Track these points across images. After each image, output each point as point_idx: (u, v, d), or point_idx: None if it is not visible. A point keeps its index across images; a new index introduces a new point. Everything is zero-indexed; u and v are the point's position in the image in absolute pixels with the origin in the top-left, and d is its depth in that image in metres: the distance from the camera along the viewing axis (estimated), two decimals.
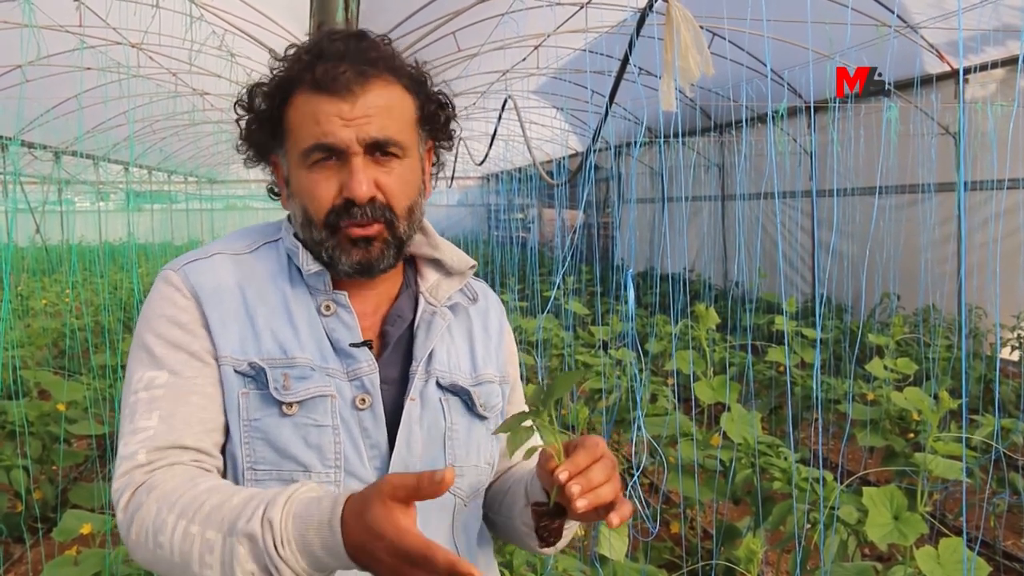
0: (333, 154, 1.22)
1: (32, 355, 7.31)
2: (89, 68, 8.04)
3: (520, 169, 17.88)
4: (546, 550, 1.34)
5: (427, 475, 0.97)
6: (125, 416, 1.19)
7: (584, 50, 9.34)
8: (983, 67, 7.27)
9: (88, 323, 8.07)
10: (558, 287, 7.10)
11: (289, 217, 1.36)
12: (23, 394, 5.63)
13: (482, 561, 1.35)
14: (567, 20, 8.11)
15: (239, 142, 1.33)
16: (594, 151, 3.48)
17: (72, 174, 14.27)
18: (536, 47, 9.21)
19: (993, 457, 3.95)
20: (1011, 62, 7.21)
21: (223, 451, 1.22)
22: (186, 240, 19.63)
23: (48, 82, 8.80)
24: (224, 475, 1.22)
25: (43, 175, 12.99)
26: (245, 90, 1.31)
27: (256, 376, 1.20)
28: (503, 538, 1.44)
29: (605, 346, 6.11)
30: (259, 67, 9.11)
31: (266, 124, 1.28)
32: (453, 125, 1.37)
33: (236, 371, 1.20)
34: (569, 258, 5.95)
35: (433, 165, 1.38)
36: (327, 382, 1.21)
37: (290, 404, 1.19)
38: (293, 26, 7.27)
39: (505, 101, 6.72)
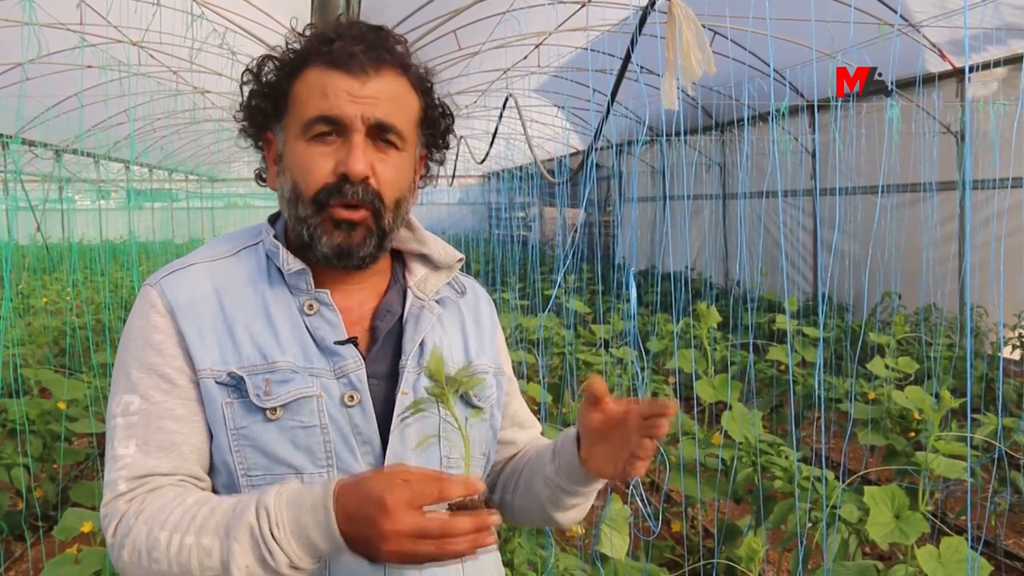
0: (335, 129, 1.22)
1: (33, 353, 7.31)
2: (90, 66, 8.03)
3: (521, 167, 17.88)
4: (563, 517, 1.38)
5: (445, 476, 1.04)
6: (108, 438, 1.22)
7: (585, 48, 9.34)
8: (985, 66, 7.26)
9: (89, 321, 8.07)
10: (559, 286, 7.09)
11: (270, 218, 1.35)
12: (24, 392, 5.63)
13: (486, 556, 1.35)
14: (568, 18, 8.11)
15: (237, 111, 1.32)
16: (596, 149, 3.47)
17: (73, 172, 14.26)
18: (537, 45, 9.21)
19: (996, 456, 3.94)
20: (1013, 61, 7.20)
21: (214, 461, 1.23)
22: (187, 238, 19.65)
23: (49, 80, 8.81)
24: (219, 484, 1.24)
25: (44, 173, 12.98)
26: (256, 59, 1.30)
27: (237, 385, 1.20)
28: (519, 520, 1.46)
29: (606, 344, 6.11)
30: None
31: (271, 95, 1.27)
32: (450, 137, 1.38)
33: (217, 382, 1.20)
34: (570, 257, 5.94)
35: (421, 177, 1.39)
36: (310, 382, 1.21)
37: (273, 409, 1.19)
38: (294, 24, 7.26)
39: (506, 99, 6.72)
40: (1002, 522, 4.67)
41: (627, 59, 2.86)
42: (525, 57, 9.67)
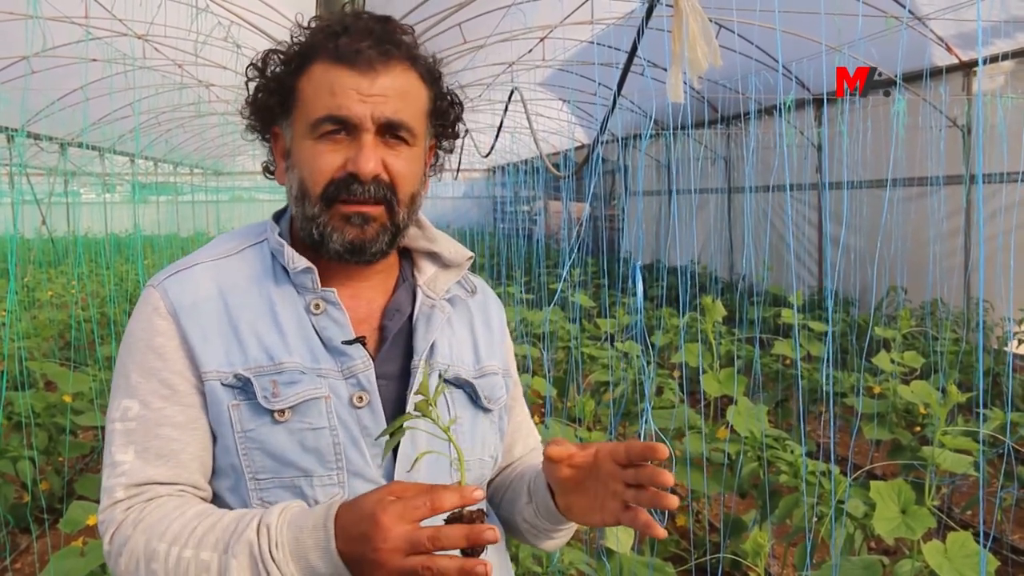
0: (344, 128, 1.19)
1: (38, 346, 7.32)
2: (95, 59, 8.03)
3: (526, 161, 17.86)
4: (547, 545, 1.36)
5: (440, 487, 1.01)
6: (107, 442, 1.20)
7: (591, 42, 9.31)
8: (993, 59, 7.23)
9: (94, 314, 8.08)
10: (564, 279, 7.08)
11: (275, 214, 1.32)
12: (29, 385, 5.64)
13: (493, 556, 1.31)
14: (574, 12, 8.08)
15: (244, 107, 1.30)
16: (601, 143, 3.46)
17: (78, 165, 14.27)
18: (543, 39, 9.18)
19: (1006, 451, 3.93)
20: (1020, 54, 7.16)
21: (220, 464, 1.20)
22: (192, 232, 19.65)
23: (54, 73, 8.81)
24: (225, 488, 1.21)
25: (49, 166, 12.99)
26: (260, 54, 1.27)
27: (244, 387, 1.17)
28: (506, 533, 1.42)
29: (611, 338, 6.10)
30: None
31: (277, 90, 1.24)
32: (459, 127, 1.36)
33: (224, 384, 1.17)
34: (575, 250, 5.93)
35: (431, 166, 1.36)
36: (318, 384, 1.18)
37: (281, 411, 1.16)
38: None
39: (511, 93, 6.70)
40: (1008, 517, 4.66)
41: (633, 51, 2.85)
42: (530, 51, 9.65)
